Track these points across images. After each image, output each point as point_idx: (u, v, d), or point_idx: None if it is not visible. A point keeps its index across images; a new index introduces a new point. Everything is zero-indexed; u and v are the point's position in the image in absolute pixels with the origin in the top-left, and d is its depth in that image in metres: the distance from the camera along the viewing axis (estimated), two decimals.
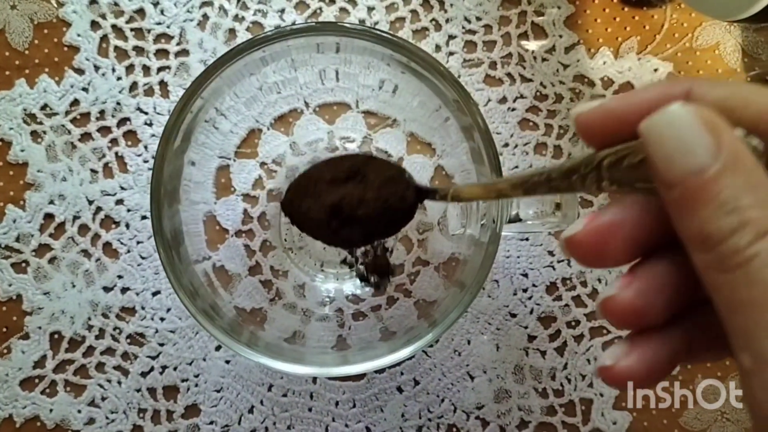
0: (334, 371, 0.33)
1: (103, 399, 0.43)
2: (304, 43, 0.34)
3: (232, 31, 0.44)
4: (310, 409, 0.43)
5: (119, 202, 0.44)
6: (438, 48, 0.45)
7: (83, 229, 0.44)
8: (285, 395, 0.43)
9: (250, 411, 0.43)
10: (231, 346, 0.33)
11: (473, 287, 0.32)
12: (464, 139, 0.35)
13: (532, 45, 0.45)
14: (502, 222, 0.32)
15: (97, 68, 0.44)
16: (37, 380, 0.43)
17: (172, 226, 0.34)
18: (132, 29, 0.44)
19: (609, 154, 0.22)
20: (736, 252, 0.17)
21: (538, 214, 0.33)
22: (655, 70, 0.45)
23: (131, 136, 0.44)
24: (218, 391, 0.43)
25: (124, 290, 0.43)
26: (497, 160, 0.33)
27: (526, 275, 0.44)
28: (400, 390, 0.43)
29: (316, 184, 0.33)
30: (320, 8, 0.45)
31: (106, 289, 0.43)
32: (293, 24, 0.44)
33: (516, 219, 0.33)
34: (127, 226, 0.43)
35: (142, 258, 0.43)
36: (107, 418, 0.43)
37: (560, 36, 0.45)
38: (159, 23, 0.44)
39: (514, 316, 0.44)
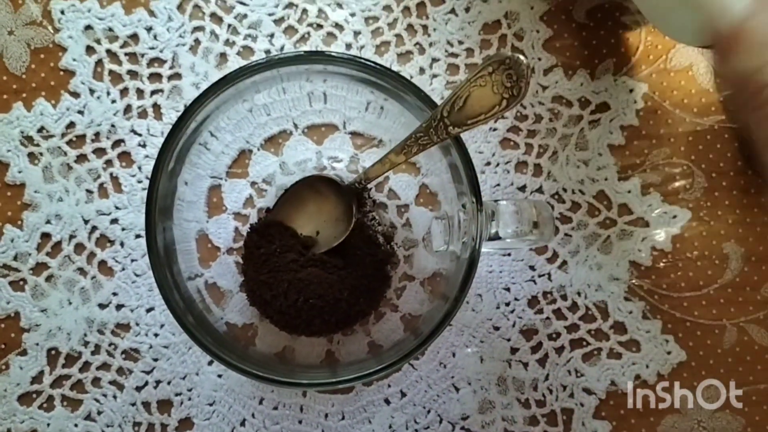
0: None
1: (99, 413, 0.44)
2: (294, 70, 0.36)
3: (223, 56, 0.46)
4: (300, 422, 0.44)
5: (114, 221, 0.45)
6: (422, 71, 0.46)
7: (79, 247, 0.45)
8: (276, 408, 0.44)
9: (242, 424, 0.44)
10: (221, 361, 0.34)
11: (454, 301, 0.34)
12: (444, 159, 0.37)
13: None
14: (481, 240, 0.34)
15: (92, 91, 0.46)
16: (34, 395, 0.44)
17: (164, 243, 0.36)
18: (126, 54, 0.46)
19: (443, 105, 0.31)
20: (762, 88, 0.18)
21: (516, 233, 0.35)
22: (631, 90, 0.46)
23: (125, 157, 0.45)
24: (211, 405, 0.44)
25: (119, 307, 0.45)
26: (475, 178, 0.34)
27: (508, 289, 0.45)
28: (387, 402, 0.44)
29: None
30: (308, 33, 0.46)
31: (102, 306, 0.44)
32: (282, 49, 0.46)
33: (496, 237, 0.35)
34: (122, 244, 0.45)
35: (137, 275, 0.45)
36: (103, 431, 0.44)
37: (539, 59, 0.46)
38: (152, 48, 0.46)
39: (497, 329, 0.45)
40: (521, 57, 0.29)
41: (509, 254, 0.45)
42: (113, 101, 0.46)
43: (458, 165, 0.35)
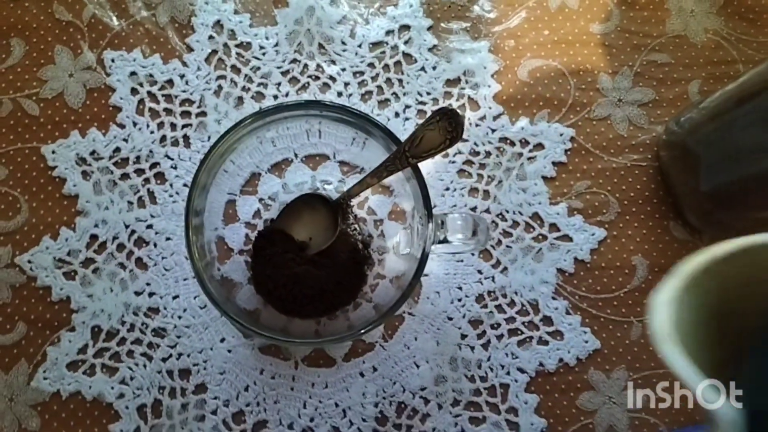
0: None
1: (132, 378, 0.53)
2: (296, 113, 0.48)
3: (240, 99, 0.58)
4: (292, 389, 0.54)
5: (149, 226, 0.55)
6: (397, 114, 0.58)
7: (120, 247, 0.55)
8: (273, 377, 0.54)
9: (246, 389, 0.54)
10: (240, 325, 0.45)
11: (409, 286, 0.45)
12: (408, 183, 0.48)
13: (468, 114, 0.59)
14: (431, 241, 0.45)
15: (135, 124, 0.57)
16: (80, 363, 0.53)
17: (198, 243, 0.47)
18: (163, 95, 0.58)
19: (405, 143, 0.41)
20: None
21: (461, 238, 0.46)
22: (561, 134, 0.58)
23: (160, 176, 0.57)
24: (221, 374, 0.54)
25: (150, 294, 0.54)
26: (427, 196, 0.45)
27: (460, 288, 0.56)
28: (362, 375, 0.54)
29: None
30: (308, 82, 0.58)
31: (137, 294, 0.54)
32: (287, 95, 0.58)
33: (445, 241, 0.46)
34: (155, 245, 0.55)
35: (166, 270, 0.55)
36: (134, 393, 0.53)
37: (490, 108, 0.58)
38: (184, 91, 0.58)
39: (450, 319, 0.55)
40: (458, 110, 0.41)
41: (462, 260, 0.56)
42: (151, 132, 0.57)
43: (416, 186, 0.46)
